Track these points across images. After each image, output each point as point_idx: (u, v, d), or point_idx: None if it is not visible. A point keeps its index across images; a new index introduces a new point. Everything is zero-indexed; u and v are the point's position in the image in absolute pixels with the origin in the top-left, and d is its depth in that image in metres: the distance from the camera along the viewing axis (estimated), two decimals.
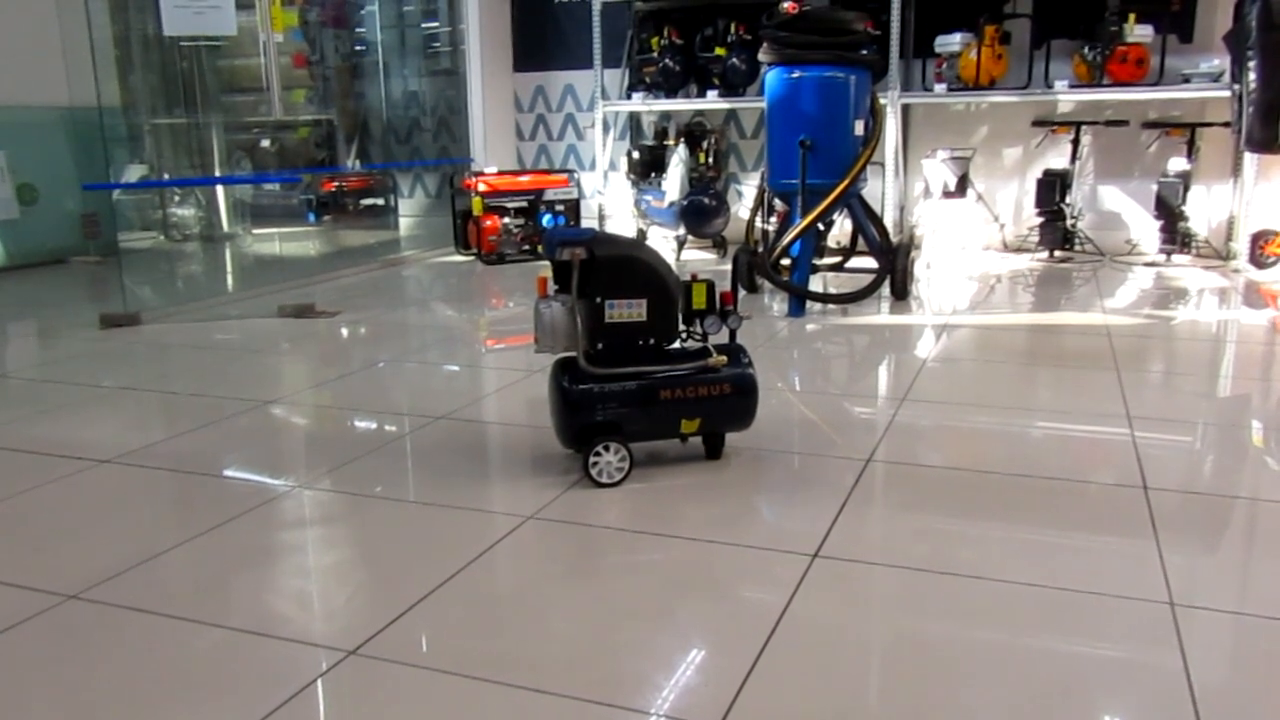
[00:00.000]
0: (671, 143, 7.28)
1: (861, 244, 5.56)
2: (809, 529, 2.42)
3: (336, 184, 8.50)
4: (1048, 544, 2.35)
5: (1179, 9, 6.47)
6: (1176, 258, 6.52)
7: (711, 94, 7.37)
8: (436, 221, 8.25)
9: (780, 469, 2.90)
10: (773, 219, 6.02)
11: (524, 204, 7.27)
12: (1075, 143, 6.73)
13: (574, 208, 7.46)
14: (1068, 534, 2.40)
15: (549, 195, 7.33)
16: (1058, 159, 6.93)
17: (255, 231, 8.26)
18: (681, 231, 7.06)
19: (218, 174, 8.09)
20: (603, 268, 2.67)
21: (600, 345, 2.72)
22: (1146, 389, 3.67)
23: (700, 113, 7.69)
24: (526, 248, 7.31)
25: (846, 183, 4.95)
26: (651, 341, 2.75)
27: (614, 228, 7.77)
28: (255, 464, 3.02)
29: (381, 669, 1.88)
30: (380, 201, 8.78)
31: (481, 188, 7.12)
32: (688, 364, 2.78)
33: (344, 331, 5.07)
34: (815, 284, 5.61)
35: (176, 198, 8.11)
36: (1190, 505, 2.55)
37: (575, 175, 7.58)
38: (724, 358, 2.78)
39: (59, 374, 4.17)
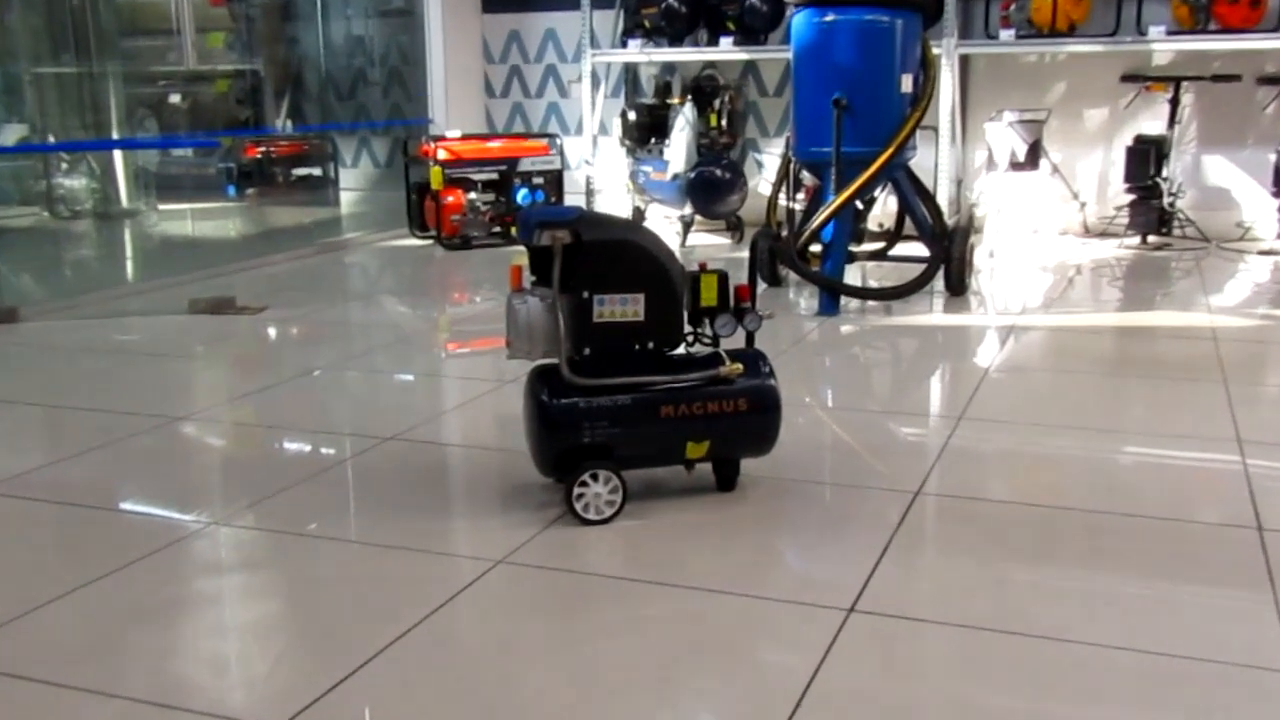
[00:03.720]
0: (676, 102, 7.29)
1: (909, 227, 5.57)
2: (843, 578, 2.42)
3: (263, 150, 8.51)
4: (1140, 598, 2.35)
5: None
6: None
7: (725, 42, 7.39)
8: (386, 197, 8.25)
9: (808, 504, 2.90)
10: (800, 196, 6.03)
11: (494, 176, 7.27)
12: (1174, 103, 6.76)
13: (556, 181, 7.47)
14: (1164, 585, 2.40)
15: (525, 165, 7.34)
16: (1152, 123, 6.96)
17: (162, 208, 8.26)
18: (688, 211, 7.08)
19: (115, 136, 8.09)
20: (591, 255, 2.67)
21: (587, 350, 2.72)
22: (1262, 406, 3.67)
23: (712, 65, 7.71)
24: (497, 230, 7.31)
25: (891, 151, 4.96)
26: (650, 346, 2.76)
27: (605, 206, 7.79)
28: (160, 496, 3.01)
29: None
30: (317, 172, 8.79)
31: (442, 156, 7.14)
32: (695, 374, 2.78)
33: (271, 332, 5.07)
34: (852, 275, 5.62)
35: (64, 165, 8.11)
36: None
37: (557, 141, 7.60)
38: (739, 366, 2.79)
39: None
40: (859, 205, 5.40)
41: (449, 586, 2.40)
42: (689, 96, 7.28)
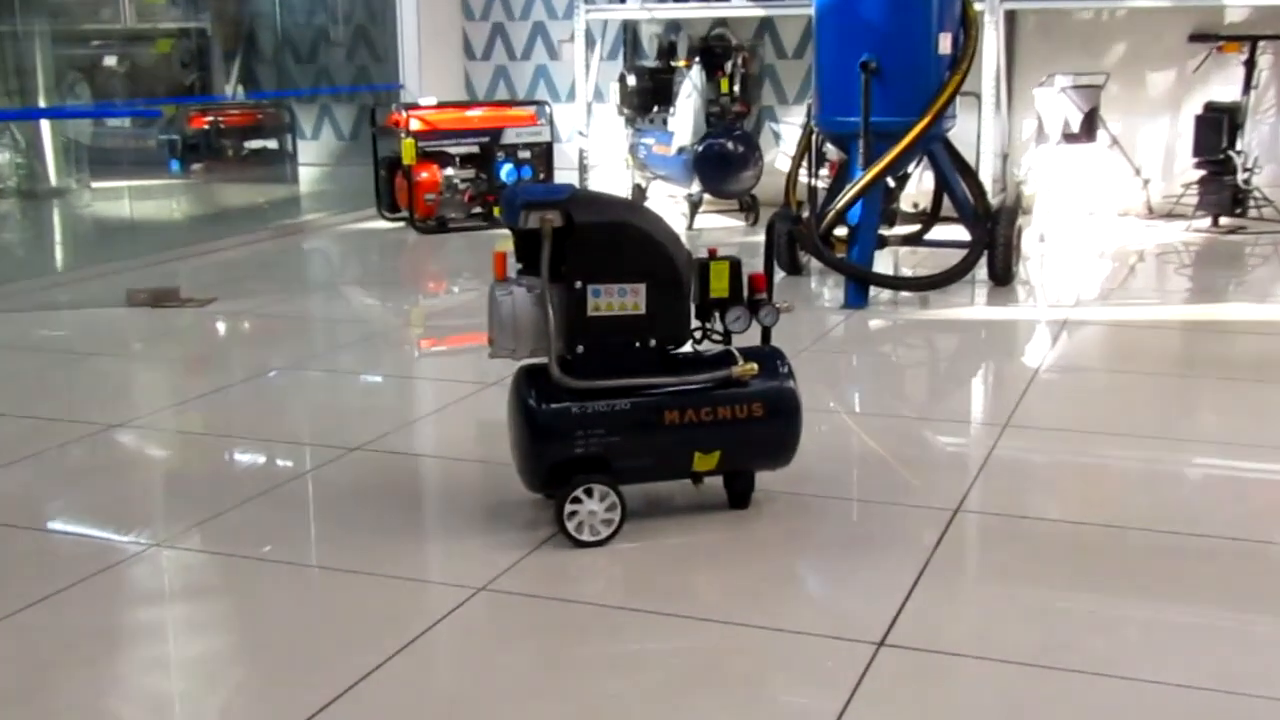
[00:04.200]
0: (682, 64, 7.29)
1: (947, 207, 5.57)
2: (872, 607, 2.42)
3: (210, 120, 8.50)
4: (1210, 629, 2.35)
5: None
6: None
7: None
8: (351, 173, 8.25)
9: (832, 523, 2.90)
10: (823, 172, 6.03)
11: (474, 149, 7.26)
12: (1250, 65, 6.75)
13: (545, 155, 7.46)
14: (1235, 616, 2.40)
15: (510, 137, 7.33)
16: (1225, 88, 6.95)
17: (95, 186, 8.24)
18: (695, 189, 7.07)
19: (42, 104, 8.08)
20: (584, 239, 2.67)
21: (581, 348, 2.73)
22: None
23: (722, 22, 7.71)
24: (478, 211, 7.30)
25: (927, 121, 4.96)
26: (653, 343, 2.76)
27: (601, 184, 7.78)
28: (94, 514, 3.02)
29: None
30: (272, 145, 8.77)
31: (415, 126, 7.13)
32: (704, 375, 2.78)
33: (220, 327, 5.08)
34: (882, 263, 5.62)
35: None
36: None
37: (547, 109, 7.59)
38: (754, 366, 2.79)
39: None
40: (890, 183, 5.40)
41: (423, 618, 2.40)
42: (696, 59, 7.26)
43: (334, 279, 6.33)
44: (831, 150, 5.94)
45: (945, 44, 5.04)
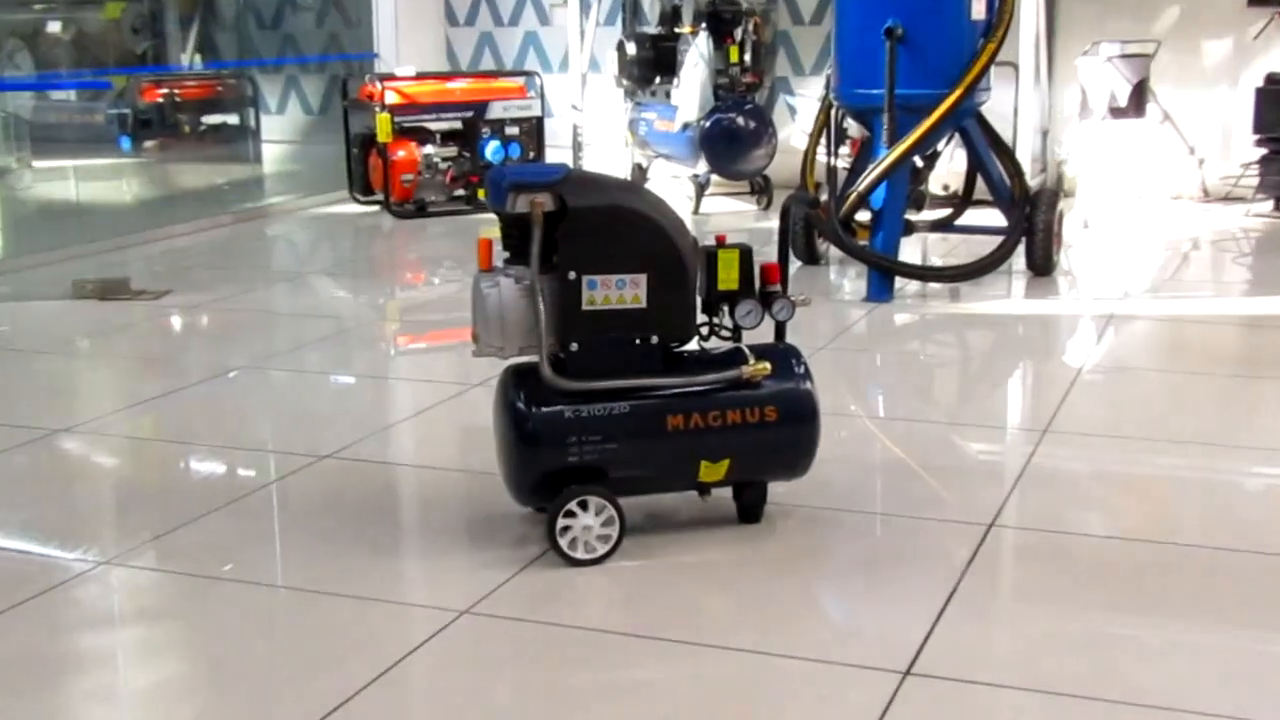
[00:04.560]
0: (687, 31, 7.29)
1: (981, 189, 5.57)
2: (897, 632, 2.41)
3: (165, 92, 8.50)
4: (1271, 658, 2.35)
5: None
6: None
7: None
8: (320, 152, 8.25)
9: (853, 539, 2.90)
10: (844, 151, 6.02)
11: (457, 125, 7.26)
12: None
13: (534, 131, 7.45)
14: None
15: (496, 111, 7.33)
16: None
17: (38, 165, 8.25)
18: (702, 169, 7.07)
19: None
20: (579, 225, 2.67)
21: (575, 345, 2.73)
22: None
23: None
24: (460, 193, 7.30)
25: (959, 94, 4.95)
26: (654, 340, 2.76)
27: (597, 163, 7.78)
28: (37, 528, 3.01)
29: None
30: (233, 120, 8.77)
31: (391, 99, 7.13)
32: (711, 375, 2.78)
33: (175, 322, 5.07)
34: (909, 251, 5.62)
35: None
36: None
37: (537, 81, 7.59)
38: (767, 365, 2.78)
39: None
40: (918, 162, 5.39)
41: (400, 644, 2.40)
42: (703, 24, 7.25)
43: (301, 269, 6.33)
44: (853, 126, 5.93)
45: (979, 8, 5.04)
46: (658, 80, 7.38)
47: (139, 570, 2.75)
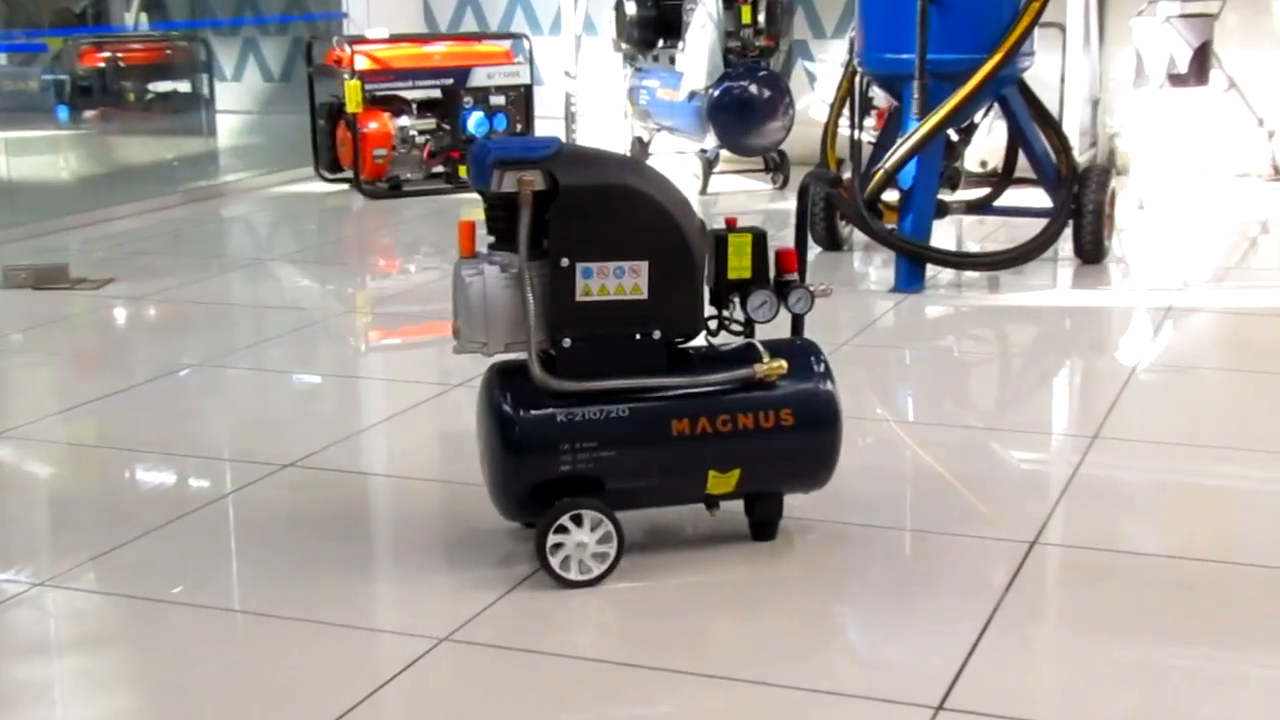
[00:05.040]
0: None
1: (1024, 166, 5.58)
2: (928, 663, 2.42)
3: (107, 56, 8.49)
4: None
5: None
6: None
7: None
8: (282, 124, 8.24)
9: (879, 558, 2.92)
10: (869, 123, 6.02)
11: (435, 93, 7.27)
12: None
13: (523, 101, 7.46)
14: None
15: (479, 79, 7.33)
16: None
17: None
18: (710, 144, 7.08)
19: None
20: (572, 206, 2.68)
21: (568, 341, 2.74)
22: None
23: None
24: (440, 170, 7.31)
25: (998, 58, 4.96)
26: (657, 335, 2.77)
27: (593, 137, 7.78)
28: None
29: None
30: (184, 88, 8.73)
31: (362, 65, 7.14)
32: (720, 375, 2.79)
33: (119, 315, 5.09)
34: (943, 235, 5.63)
35: None
36: None
37: (525, 44, 7.59)
38: (782, 363, 2.80)
39: None
40: (953, 136, 5.40)
41: (371, 676, 2.40)
42: None
43: (261, 255, 6.33)
44: (879, 95, 5.94)
45: None
46: (661, 44, 7.38)
47: (78, 593, 2.77)
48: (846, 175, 5.25)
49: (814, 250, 5.48)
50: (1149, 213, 6.41)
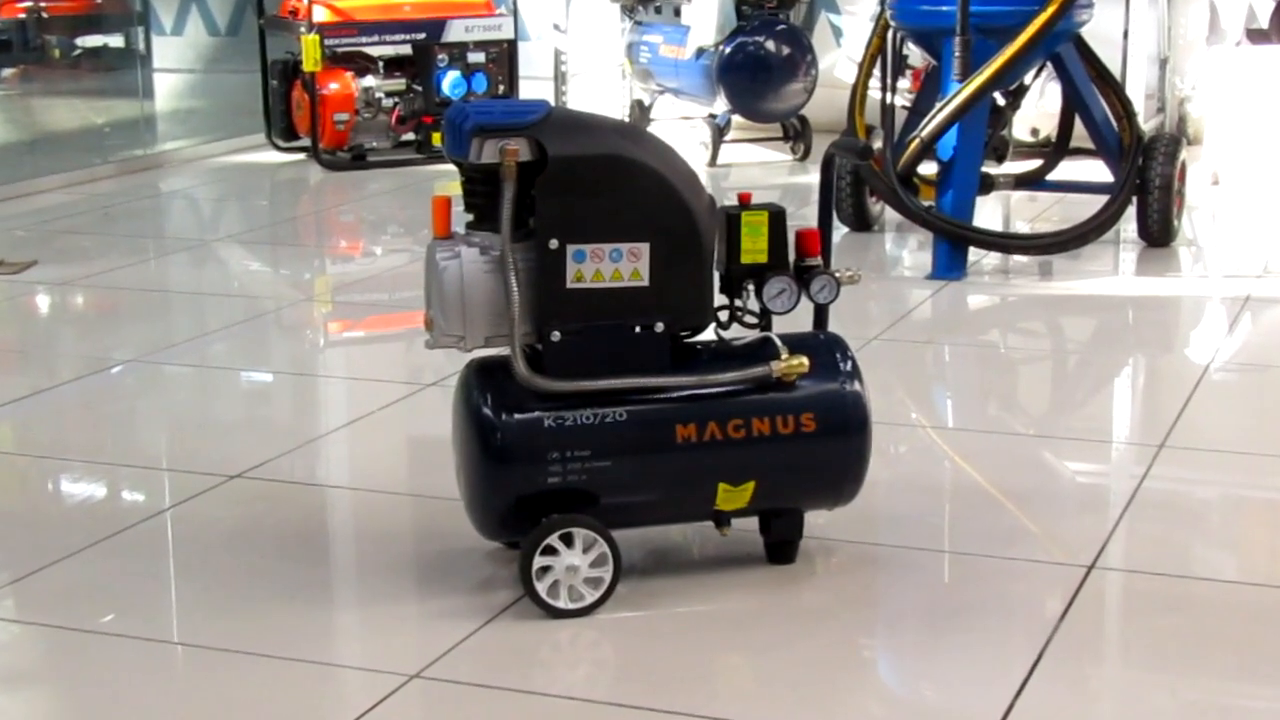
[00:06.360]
0: None
1: (1080, 134, 5.57)
2: (971, 703, 2.42)
3: (28, 6, 8.50)
4: None
5: None
6: None
7: None
8: (230, 84, 8.26)
9: (914, 585, 2.91)
10: (903, 85, 6.01)
11: (405, 50, 7.27)
12: None
13: (505, 59, 7.45)
14: None
15: (455, 33, 7.32)
16: None
17: None
18: (721, 109, 7.07)
19: None
20: (562, 180, 2.67)
21: (557, 334, 2.73)
22: None
23: None
24: (410, 138, 7.31)
25: (1052, 10, 4.95)
26: (659, 327, 2.76)
27: (585, 101, 7.79)
28: None
29: None
30: (115, 42, 8.76)
31: (320, 17, 7.13)
32: (732, 373, 2.78)
33: (43, 302, 5.08)
34: (987, 214, 5.63)
35: None
36: None
37: None
38: (803, 361, 2.79)
39: None
40: (999, 100, 5.40)
41: (333, 716, 2.40)
42: None
43: (205, 235, 6.34)
44: (915, 54, 5.93)
45: None
46: None
47: None
48: (877, 145, 5.26)
49: (840, 231, 5.49)
50: (1224, 188, 6.41)
